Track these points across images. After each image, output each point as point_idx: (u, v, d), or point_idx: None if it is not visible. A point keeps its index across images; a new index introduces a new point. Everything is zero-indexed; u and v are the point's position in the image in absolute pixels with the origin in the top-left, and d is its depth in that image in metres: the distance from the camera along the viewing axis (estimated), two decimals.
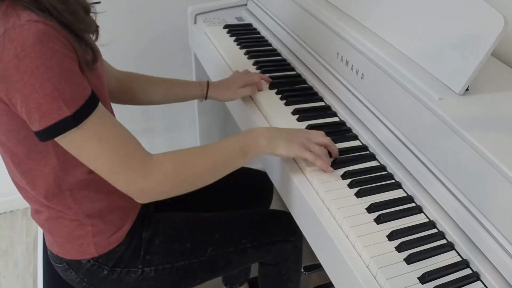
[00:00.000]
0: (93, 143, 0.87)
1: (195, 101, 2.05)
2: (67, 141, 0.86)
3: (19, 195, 1.05)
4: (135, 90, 1.31)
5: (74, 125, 0.83)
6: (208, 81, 1.36)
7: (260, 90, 1.34)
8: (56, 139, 0.85)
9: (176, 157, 0.97)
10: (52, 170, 0.97)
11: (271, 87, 1.35)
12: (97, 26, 1.00)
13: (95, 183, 1.01)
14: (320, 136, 1.07)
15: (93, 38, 1.02)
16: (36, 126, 0.82)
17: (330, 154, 1.07)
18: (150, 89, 1.33)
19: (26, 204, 1.07)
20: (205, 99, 1.37)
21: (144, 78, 1.34)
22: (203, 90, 1.35)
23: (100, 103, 0.88)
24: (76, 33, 0.87)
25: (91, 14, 0.98)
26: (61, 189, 1.00)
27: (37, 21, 0.79)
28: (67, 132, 0.84)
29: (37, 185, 1.00)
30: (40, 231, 1.30)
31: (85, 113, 0.84)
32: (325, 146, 1.06)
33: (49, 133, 0.83)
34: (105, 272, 1.10)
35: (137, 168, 0.91)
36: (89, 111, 0.85)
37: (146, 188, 0.93)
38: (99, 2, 0.99)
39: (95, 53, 0.93)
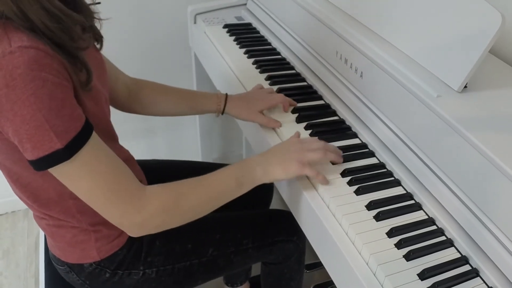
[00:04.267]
0: (85, 176, 0.84)
1: None
2: (59, 173, 0.83)
3: None
4: (146, 99, 1.27)
5: (66, 158, 0.80)
6: (226, 95, 1.28)
7: (286, 111, 1.25)
8: (49, 170, 0.82)
9: (170, 189, 0.94)
10: (51, 183, 0.94)
11: (271, 85, 1.35)
12: (101, 37, 0.97)
13: None
14: (313, 143, 1.04)
15: (98, 46, 1.01)
16: (29, 156, 0.80)
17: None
18: (162, 100, 1.28)
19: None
20: (222, 114, 1.29)
21: (156, 87, 1.29)
22: (220, 104, 1.27)
23: (93, 134, 0.85)
24: (70, 52, 0.83)
25: (96, 22, 0.96)
26: (63, 198, 0.99)
27: (29, 47, 0.76)
28: (59, 165, 0.81)
29: (38, 198, 0.98)
30: (42, 232, 1.30)
31: (77, 145, 0.81)
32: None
33: (42, 164, 0.81)
34: (107, 275, 1.10)
35: (130, 202, 0.89)
36: (81, 143, 0.82)
37: (139, 222, 0.91)
38: (99, 3, 0.98)
39: (89, 73, 0.88)
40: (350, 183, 1.02)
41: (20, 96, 0.75)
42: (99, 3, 0.97)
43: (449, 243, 0.91)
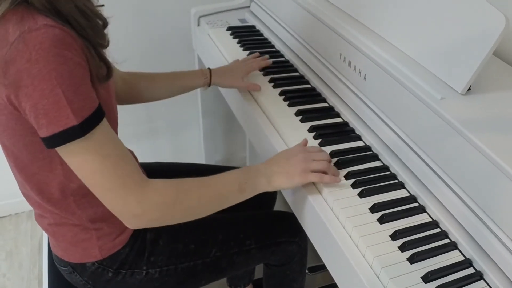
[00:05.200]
0: (93, 157, 0.85)
1: (199, 102, 2.05)
2: (69, 151, 0.84)
3: (23, 198, 1.05)
4: (140, 87, 1.32)
5: (80, 135, 0.82)
6: (209, 68, 1.38)
7: (260, 67, 1.42)
8: (59, 148, 0.84)
9: (173, 185, 0.95)
10: (56, 176, 0.96)
11: (274, 88, 1.36)
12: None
13: None
14: (319, 154, 1.05)
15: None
16: (44, 132, 0.81)
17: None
18: (154, 85, 1.34)
19: (31, 207, 1.08)
20: (209, 86, 1.39)
21: (147, 74, 1.35)
22: (206, 78, 1.37)
23: (105, 118, 0.87)
24: (94, 48, 0.87)
25: None
26: (65, 194, 0.99)
27: (54, 26, 0.78)
28: (71, 142, 0.82)
29: (41, 190, 0.99)
30: (45, 233, 1.30)
31: (91, 124, 0.83)
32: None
33: (55, 140, 0.82)
34: (110, 274, 1.10)
35: (133, 190, 0.89)
36: (95, 123, 0.84)
37: (138, 213, 0.91)
38: (102, 5, 0.99)
39: (109, 69, 0.92)
40: (354, 186, 1.02)
41: (41, 71, 0.77)
42: (102, 5, 0.98)
43: (453, 246, 0.91)
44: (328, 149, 1.11)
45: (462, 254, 0.90)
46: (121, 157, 0.89)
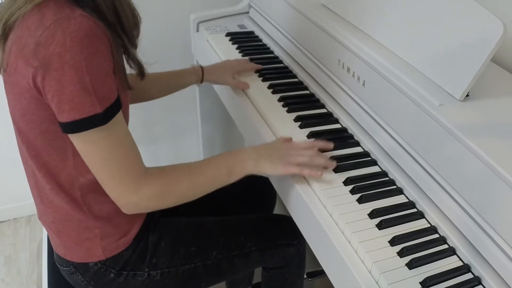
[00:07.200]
0: (106, 145, 0.90)
1: (198, 108, 2.05)
2: (85, 138, 0.88)
3: (22, 203, 1.06)
4: (139, 88, 1.31)
5: (102, 123, 0.87)
6: (201, 66, 1.45)
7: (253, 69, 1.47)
8: (75, 135, 0.88)
9: (165, 175, 1.00)
10: (66, 166, 0.99)
11: (273, 94, 1.36)
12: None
13: None
14: (303, 151, 1.08)
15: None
16: (64, 117, 0.85)
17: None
18: (147, 85, 1.35)
19: (30, 212, 1.08)
20: (201, 82, 1.46)
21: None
22: (199, 75, 1.44)
23: (120, 110, 0.92)
24: (126, 48, 0.95)
25: None
26: (72, 187, 1.01)
27: (89, 18, 0.83)
28: (90, 130, 0.86)
29: (51, 177, 1.01)
30: (44, 237, 1.31)
31: (112, 113, 0.88)
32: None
33: (75, 126, 0.86)
34: (112, 275, 1.11)
35: (132, 181, 0.94)
36: (115, 113, 0.89)
37: (135, 201, 0.96)
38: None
39: (141, 69, 1.00)
40: (352, 192, 1.02)
41: (73, 58, 0.81)
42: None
43: (451, 251, 0.91)
44: (327, 155, 1.11)
45: (461, 259, 0.90)
46: (131, 147, 0.95)
